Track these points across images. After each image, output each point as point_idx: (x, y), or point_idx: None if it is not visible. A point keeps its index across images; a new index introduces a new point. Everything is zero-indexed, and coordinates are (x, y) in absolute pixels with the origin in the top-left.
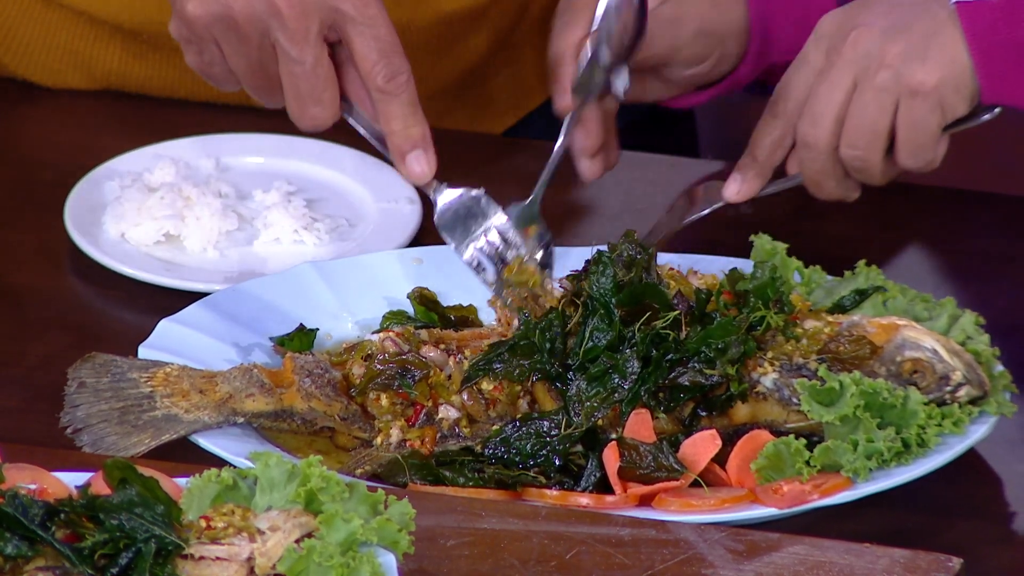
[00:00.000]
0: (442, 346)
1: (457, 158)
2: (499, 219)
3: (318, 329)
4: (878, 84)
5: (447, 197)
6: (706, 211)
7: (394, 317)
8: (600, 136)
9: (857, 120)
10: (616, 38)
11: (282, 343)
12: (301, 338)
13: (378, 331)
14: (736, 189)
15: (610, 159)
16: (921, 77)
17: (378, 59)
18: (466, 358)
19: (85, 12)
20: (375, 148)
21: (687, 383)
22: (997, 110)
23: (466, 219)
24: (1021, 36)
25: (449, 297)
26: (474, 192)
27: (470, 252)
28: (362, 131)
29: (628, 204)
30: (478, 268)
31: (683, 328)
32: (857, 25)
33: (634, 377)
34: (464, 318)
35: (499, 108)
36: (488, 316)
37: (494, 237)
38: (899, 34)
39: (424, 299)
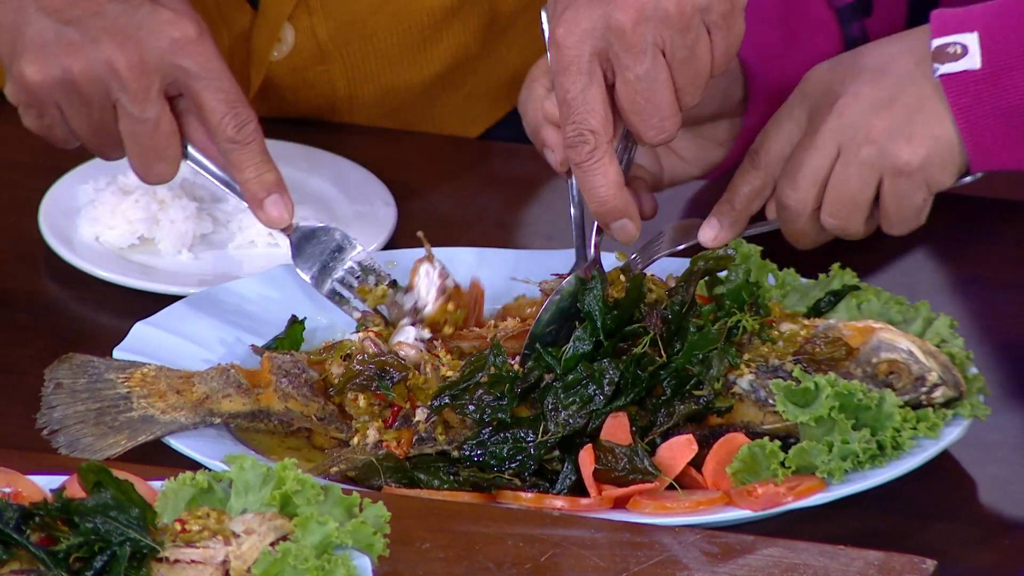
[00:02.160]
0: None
1: (432, 162)
2: (356, 252)
3: (306, 318)
4: (862, 159)
5: (304, 235)
6: (680, 247)
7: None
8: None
9: (839, 191)
10: None
11: (275, 347)
12: (293, 331)
13: (358, 331)
14: (712, 235)
15: (645, 212)
16: (907, 157)
17: (226, 111)
18: (444, 363)
19: None
20: (346, 153)
21: (683, 409)
22: (979, 174)
23: (323, 255)
24: (1006, 104)
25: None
26: (330, 229)
27: (328, 286)
28: (209, 177)
29: None
30: (339, 300)
31: (660, 344)
32: (844, 93)
33: (611, 389)
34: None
35: (472, 113)
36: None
37: (352, 268)
38: (884, 108)
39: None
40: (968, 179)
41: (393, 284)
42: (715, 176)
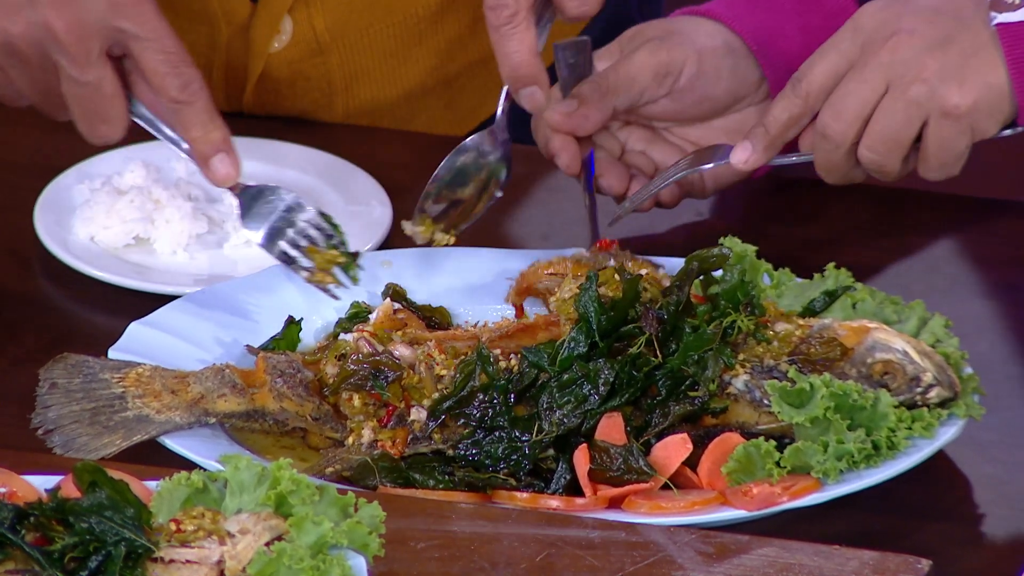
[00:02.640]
0: (416, 346)
1: (427, 162)
2: (306, 212)
3: (303, 319)
4: (911, 96)
5: (253, 195)
6: (709, 165)
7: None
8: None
9: (882, 126)
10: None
11: (272, 348)
12: (289, 332)
13: (341, 330)
14: (744, 157)
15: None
16: (956, 100)
17: (168, 71)
18: (438, 362)
19: None
20: (341, 153)
21: (678, 410)
22: (1020, 128)
23: (272, 215)
24: None
25: (416, 299)
26: (278, 189)
27: (278, 248)
28: (159, 136)
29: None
30: (289, 261)
31: (656, 344)
32: (899, 30)
33: (606, 389)
34: (431, 318)
35: (468, 106)
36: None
37: (303, 228)
38: (939, 49)
39: (397, 296)
40: (1009, 132)
41: (344, 248)
42: (760, 175)
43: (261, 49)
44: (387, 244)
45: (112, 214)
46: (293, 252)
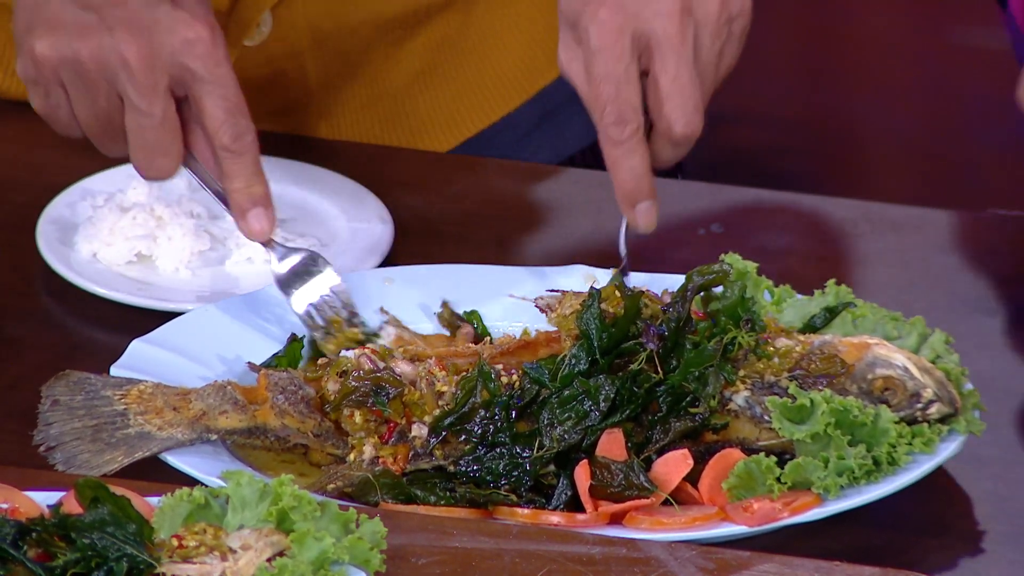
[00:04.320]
0: (417, 362)
1: (429, 179)
2: (331, 277)
3: (304, 336)
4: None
5: (285, 255)
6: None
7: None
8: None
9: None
10: None
11: (274, 365)
12: (291, 349)
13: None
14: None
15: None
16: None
17: (225, 119)
18: (439, 379)
19: None
20: (343, 170)
21: (679, 426)
22: None
23: (302, 275)
24: None
25: (419, 316)
26: (310, 251)
27: (303, 307)
28: (200, 183)
29: (599, 224)
30: (312, 324)
31: (657, 361)
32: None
33: (607, 405)
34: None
35: (461, 113)
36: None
37: (325, 293)
38: None
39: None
40: None
41: (364, 328)
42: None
43: (235, 41)
44: (389, 261)
45: (115, 231)
46: (318, 319)
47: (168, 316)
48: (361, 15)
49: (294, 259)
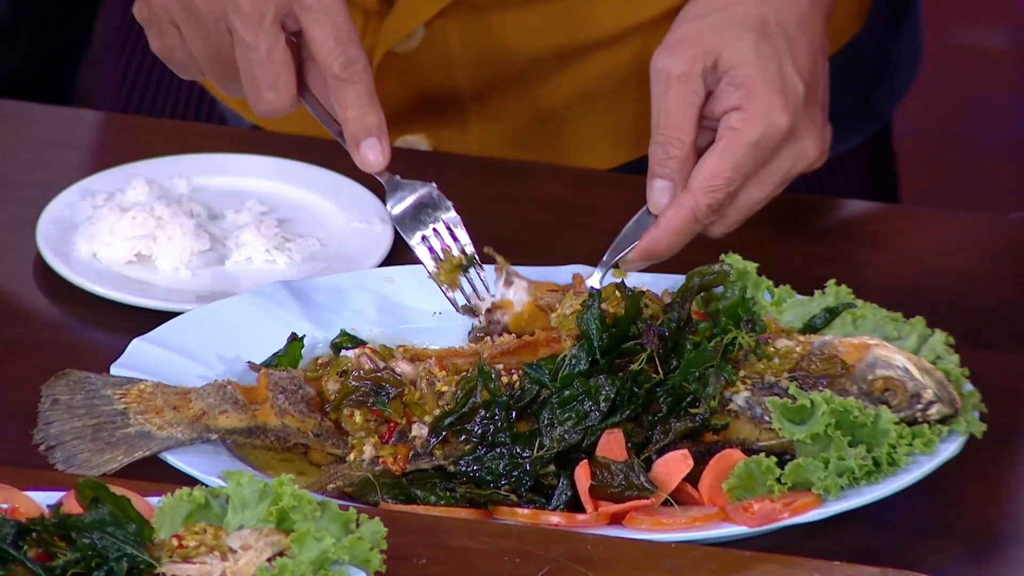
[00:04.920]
0: (417, 362)
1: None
2: (448, 213)
3: (305, 336)
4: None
5: (400, 188)
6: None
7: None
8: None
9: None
10: None
11: (274, 364)
12: (292, 349)
13: (337, 344)
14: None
15: None
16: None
17: (334, 47)
18: (439, 379)
19: None
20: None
21: (679, 427)
22: None
23: (417, 210)
24: None
25: (419, 317)
26: (425, 186)
27: (417, 239)
28: (318, 118)
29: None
30: (423, 255)
31: (657, 361)
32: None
33: (607, 405)
34: None
35: (613, 142)
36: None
37: (441, 228)
38: None
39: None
40: None
41: (472, 259)
42: None
43: (385, 46)
44: (388, 261)
45: (115, 231)
46: (428, 246)
47: (168, 316)
48: (516, 44)
49: (404, 187)
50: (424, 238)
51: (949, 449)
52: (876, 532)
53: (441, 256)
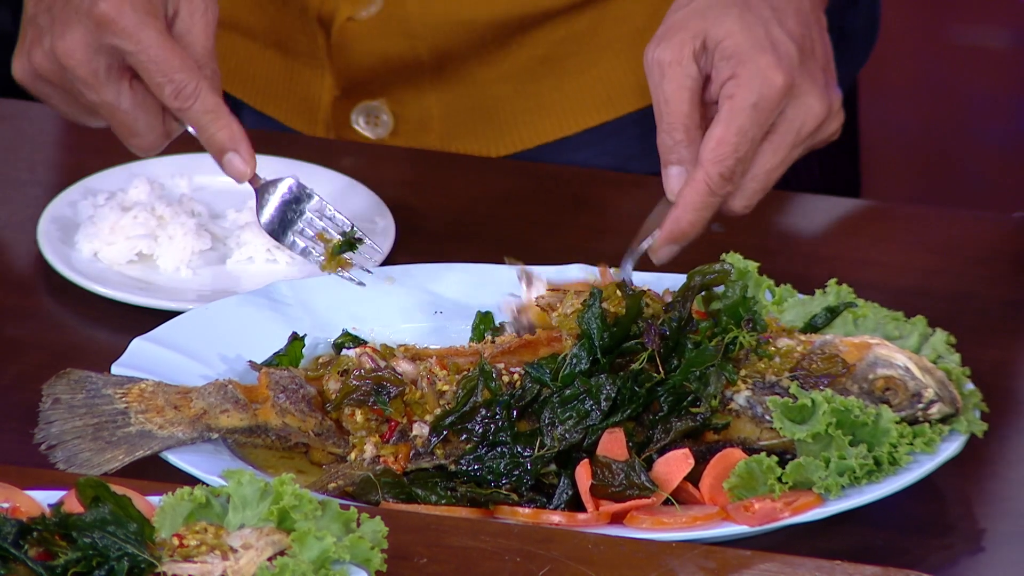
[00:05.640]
0: (418, 361)
1: (430, 178)
2: (312, 201)
3: (306, 335)
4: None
5: (267, 191)
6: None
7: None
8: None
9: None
10: None
11: (276, 364)
12: (293, 348)
13: (339, 344)
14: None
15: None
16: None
17: (160, 80)
18: (440, 378)
19: None
20: (344, 169)
21: (680, 426)
22: None
23: (283, 212)
24: None
25: (419, 316)
26: (285, 182)
27: (289, 238)
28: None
29: (601, 223)
30: (304, 253)
31: (658, 361)
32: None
33: (608, 404)
34: None
35: (569, 115)
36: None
37: (313, 219)
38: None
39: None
40: None
41: (352, 235)
42: None
43: (346, 11)
44: (390, 260)
45: (116, 230)
46: (304, 243)
47: (169, 315)
48: (475, 11)
49: (272, 203)
50: (297, 236)
51: (950, 448)
52: (877, 531)
53: (319, 246)
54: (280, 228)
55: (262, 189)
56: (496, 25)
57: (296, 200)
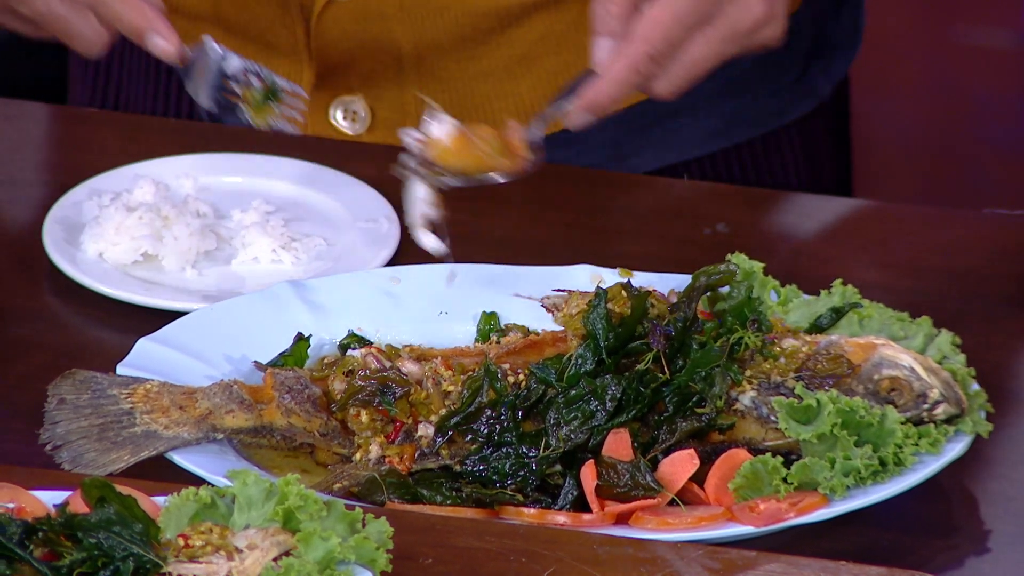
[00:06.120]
0: (423, 362)
1: None
2: (232, 62)
3: (311, 335)
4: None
5: (191, 68)
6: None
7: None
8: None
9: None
10: None
11: (281, 364)
12: (298, 348)
13: (344, 344)
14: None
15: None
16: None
17: None
18: (445, 378)
19: None
20: (350, 169)
21: (685, 427)
22: None
23: (209, 82)
24: None
25: (425, 316)
26: (198, 48)
27: (212, 98)
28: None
29: (605, 223)
30: (224, 110)
31: (663, 361)
32: None
33: (613, 405)
34: None
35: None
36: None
37: (234, 75)
38: None
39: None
40: None
41: (270, 86)
42: None
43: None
44: (395, 261)
45: (121, 231)
46: (232, 100)
47: (174, 315)
48: (455, 1)
49: (197, 79)
50: (219, 92)
51: (955, 449)
52: (882, 532)
53: (247, 103)
54: (212, 97)
55: (185, 67)
56: (476, 16)
57: (215, 60)
